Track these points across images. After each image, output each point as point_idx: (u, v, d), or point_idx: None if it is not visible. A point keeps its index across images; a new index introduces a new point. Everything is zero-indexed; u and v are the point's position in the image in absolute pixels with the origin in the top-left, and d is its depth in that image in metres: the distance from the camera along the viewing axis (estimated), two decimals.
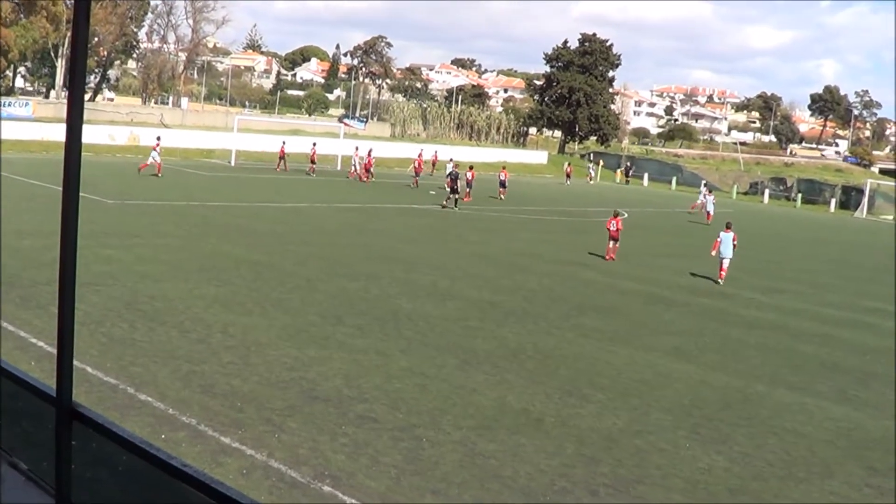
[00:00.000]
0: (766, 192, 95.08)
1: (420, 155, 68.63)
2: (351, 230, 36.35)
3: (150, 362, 15.41)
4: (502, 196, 59.15)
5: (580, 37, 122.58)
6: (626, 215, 40.30)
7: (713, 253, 32.70)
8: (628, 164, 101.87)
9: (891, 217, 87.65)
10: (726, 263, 32.08)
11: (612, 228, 34.78)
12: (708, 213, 58.24)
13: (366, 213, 43.42)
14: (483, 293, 25.25)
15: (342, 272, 26.24)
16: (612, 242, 35.03)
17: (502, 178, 61.03)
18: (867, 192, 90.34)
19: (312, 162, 64.40)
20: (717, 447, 13.97)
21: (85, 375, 13.91)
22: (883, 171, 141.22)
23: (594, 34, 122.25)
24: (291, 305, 21.16)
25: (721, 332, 23.38)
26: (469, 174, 54.84)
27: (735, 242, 32.30)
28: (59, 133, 48.94)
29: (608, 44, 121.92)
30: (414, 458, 12.23)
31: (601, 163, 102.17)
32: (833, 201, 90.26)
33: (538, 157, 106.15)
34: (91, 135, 60.00)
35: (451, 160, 64.91)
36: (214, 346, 16.94)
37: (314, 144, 65.98)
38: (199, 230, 31.64)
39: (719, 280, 31.88)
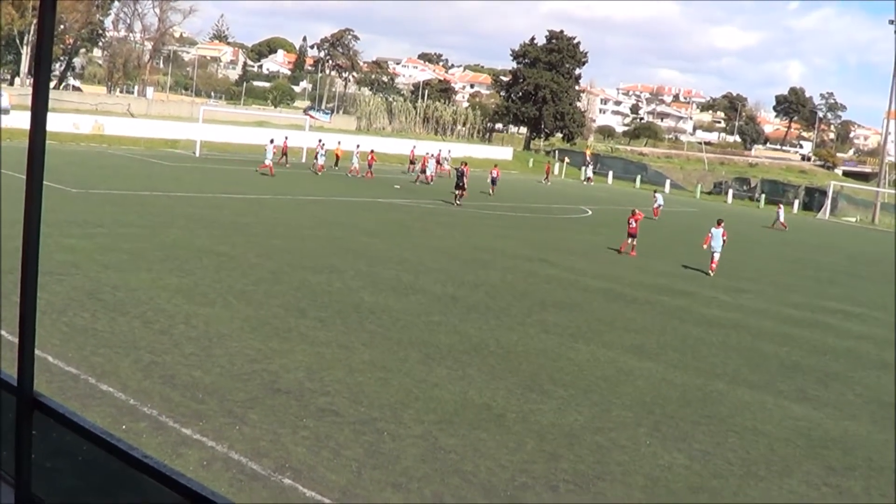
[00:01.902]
0: (730, 192, 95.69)
1: (417, 150, 70.58)
2: (315, 223, 36.27)
3: (112, 352, 15.33)
4: (491, 192, 61.32)
5: (547, 34, 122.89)
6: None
7: (704, 247, 34.95)
8: (591, 161, 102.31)
9: (853, 219, 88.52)
10: (717, 257, 34.26)
11: (631, 225, 37.12)
12: (655, 208, 58.82)
13: (330, 207, 43.32)
14: (446, 288, 25.27)
15: (305, 265, 26.18)
16: (630, 238, 37.29)
17: (494, 175, 63.33)
18: (830, 194, 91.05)
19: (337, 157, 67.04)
20: (678, 445, 14.05)
21: (46, 365, 13.83)
22: (846, 174, 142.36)
23: (561, 31, 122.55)
24: (254, 297, 21.09)
25: (682, 330, 23.51)
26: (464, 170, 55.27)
27: (724, 238, 34.48)
28: (23, 121, 48.64)
29: (575, 41, 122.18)
30: (375, 452, 12.23)
31: (567, 160, 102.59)
32: (796, 202, 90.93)
33: (504, 152, 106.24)
34: (55, 123, 59.58)
35: (429, 156, 66.44)
36: (176, 337, 16.87)
37: (339, 143, 68.57)
38: (163, 220, 31.46)
39: (710, 272, 33.95)
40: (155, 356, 15.44)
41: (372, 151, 65.58)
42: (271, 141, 58.36)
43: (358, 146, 67.20)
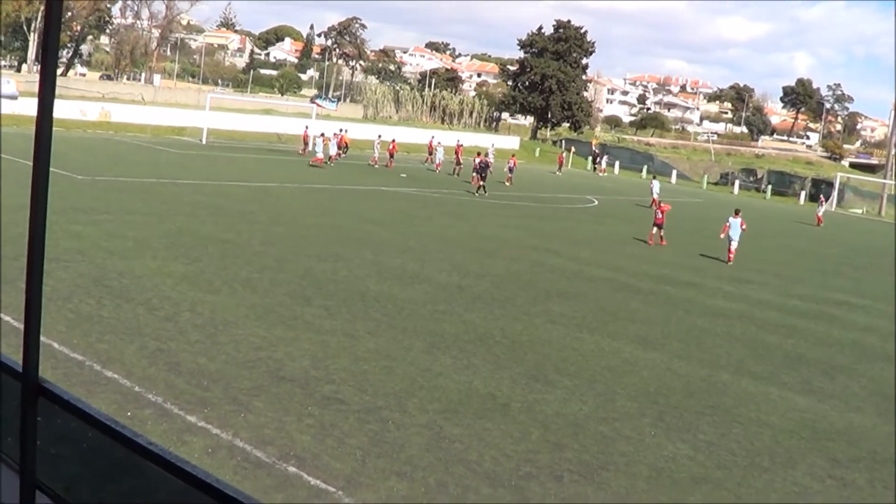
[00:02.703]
0: (737, 182, 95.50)
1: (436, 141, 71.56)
2: (320, 211, 36.24)
3: (117, 339, 15.34)
4: (508, 182, 61.53)
5: (554, 23, 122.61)
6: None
7: (721, 236, 36.23)
8: (596, 151, 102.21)
9: (859, 211, 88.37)
10: (734, 246, 35.20)
11: (658, 216, 38.10)
12: (653, 198, 58.86)
13: (335, 195, 43.26)
14: (451, 277, 25.25)
15: (310, 253, 26.18)
16: (655, 228, 38.19)
17: (511, 164, 64.18)
18: (837, 186, 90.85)
19: (345, 147, 66.41)
20: (682, 435, 14.04)
21: (51, 351, 13.84)
22: (853, 165, 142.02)
23: (568, 21, 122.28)
24: (260, 285, 21.10)
25: (687, 320, 23.49)
26: (478, 159, 55.23)
27: (743, 227, 35.54)
28: (29, 107, 48.70)
29: (582, 31, 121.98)
30: (379, 441, 12.23)
31: (573, 149, 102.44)
32: (803, 194, 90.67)
33: (510, 142, 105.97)
34: (62, 110, 59.58)
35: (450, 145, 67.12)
36: (182, 325, 16.88)
37: (346, 131, 67.63)
38: (168, 208, 31.46)
39: (729, 262, 35.00)
40: (160, 343, 15.46)
41: (393, 141, 65.82)
42: (322, 134, 59.80)
43: (379, 136, 67.17)
